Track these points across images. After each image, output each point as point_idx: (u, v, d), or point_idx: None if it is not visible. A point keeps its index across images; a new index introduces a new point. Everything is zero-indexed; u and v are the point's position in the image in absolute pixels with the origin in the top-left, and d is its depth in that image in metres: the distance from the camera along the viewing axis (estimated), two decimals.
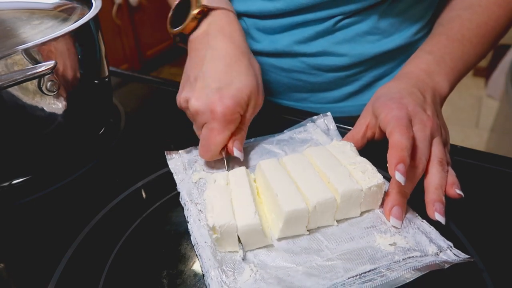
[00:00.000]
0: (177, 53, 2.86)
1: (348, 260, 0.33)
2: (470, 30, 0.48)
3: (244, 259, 0.34)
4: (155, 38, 2.62)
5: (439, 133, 0.41)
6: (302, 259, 0.34)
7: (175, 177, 0.45)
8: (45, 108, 0.44)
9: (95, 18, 0.48)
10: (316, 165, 0.40)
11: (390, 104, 0.41)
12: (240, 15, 0.59)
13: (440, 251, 0.34)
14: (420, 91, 0.43)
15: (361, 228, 0.37)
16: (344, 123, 0.52)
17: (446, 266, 0.32)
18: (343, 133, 0.48)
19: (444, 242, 0.34)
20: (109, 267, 0.35)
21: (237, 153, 0.44)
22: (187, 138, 0.49)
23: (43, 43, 0.41)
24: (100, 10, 0.49)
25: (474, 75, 2.43)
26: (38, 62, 0.41)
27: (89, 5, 0.51)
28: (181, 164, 0.47)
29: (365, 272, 0.32)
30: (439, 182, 0.37)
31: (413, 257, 0.33)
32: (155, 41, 2.64)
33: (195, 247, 0.36)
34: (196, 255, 0.35)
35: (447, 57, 0.46)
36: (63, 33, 0.43)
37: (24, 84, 0.41)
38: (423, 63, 0.46)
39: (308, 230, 0.36)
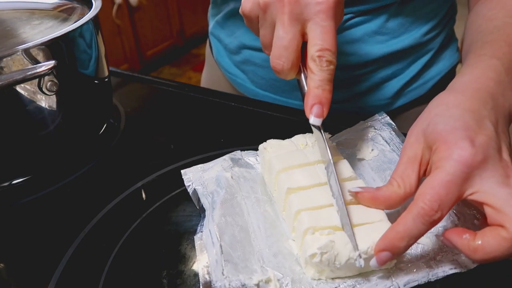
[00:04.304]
0: (177, 54, 2.86)
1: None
2: None
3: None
4: (155, 38, 2.62)
5: None
6: None
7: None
8: (45, 108, 0.44)
9: (95, 18, 0.48)
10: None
11: (451, 140, 0.30)
12: None
13: None
14: (492, 115, 0.32)
15: None
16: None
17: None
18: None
19: None
20: (109, 267, 0.35)
21: (314, 120, 0.34)
22: (187, 138, 0.49)
23: (43, 43, 0.41)
24: (100, 10, 0.49)
25: None
26: (38, 62, 0.41)
27: (89, 5, 0.50)
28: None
29: None
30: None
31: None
32: (155, 41, 2.64)
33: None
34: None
35: None
36: (63, 33, 0.43)
37: (24, 84, 0.41)
38: (491, 70, 0.35)
39: None
